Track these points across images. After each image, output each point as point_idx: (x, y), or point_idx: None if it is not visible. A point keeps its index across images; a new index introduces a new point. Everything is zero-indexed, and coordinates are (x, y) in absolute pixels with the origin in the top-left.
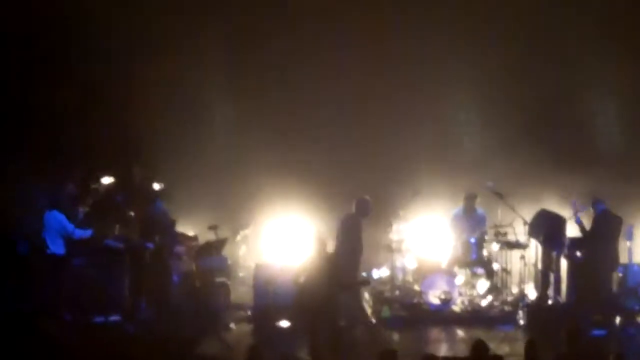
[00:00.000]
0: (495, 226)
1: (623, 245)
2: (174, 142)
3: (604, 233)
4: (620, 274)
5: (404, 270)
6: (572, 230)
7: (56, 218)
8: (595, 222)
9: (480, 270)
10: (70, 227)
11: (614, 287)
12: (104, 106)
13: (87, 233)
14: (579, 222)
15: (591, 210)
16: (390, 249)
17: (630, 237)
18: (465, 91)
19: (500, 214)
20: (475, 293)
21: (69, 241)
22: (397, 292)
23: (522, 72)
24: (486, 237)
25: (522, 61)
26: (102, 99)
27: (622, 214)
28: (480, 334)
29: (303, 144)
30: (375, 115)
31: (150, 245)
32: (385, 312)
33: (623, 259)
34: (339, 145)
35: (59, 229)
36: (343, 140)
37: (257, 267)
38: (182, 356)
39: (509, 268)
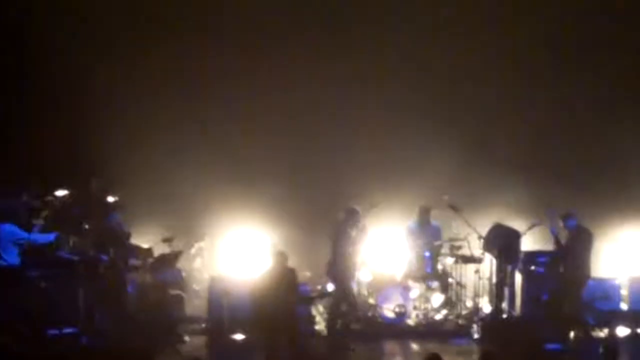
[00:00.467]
0: (450, 240)
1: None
2: (129, 155)
3: (578, 248)
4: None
5: (358, 283)
6: (526, 245)
7: (8, 229)
8: (572, 236)
9: (434, 284)
10: (25, 234)
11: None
12: (60, 118)
13: (49, 237)
14: (555, 234)
15: (560, 223)
16: None
17: None
18: (421, 103)
19: (455, 228)
20: (429, 306)
21: (25, 251)
22: (351, 306)
23: (477, 83)
24: (441, 251)
25: (478, 72)
26: (58, 111)
27: None
28: (434, 347)
29: (258, 158)
30: (330, 127)
31: (105, 257)
32: (340, 325)
33: None
34: (294, 159)
35: (13, 239)
36: (298, 154)
37: (212, 279)
38: None
39: (463, 282)
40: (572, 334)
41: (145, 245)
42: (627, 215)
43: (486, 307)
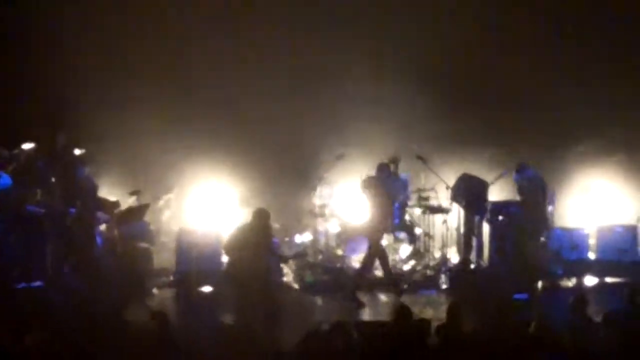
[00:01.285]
0: (418, 190)
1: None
2: (96, 107)
3: (535, 197)
4: (543, 239)
5: (327, 235)
6: (494, 195)
7: None
8: (529, 186)
9: (402, 235)
10: None
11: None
12: (26, 71)
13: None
14: (517, 179)
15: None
16: (313, 214)
17: (552, 202)
18: (392, 54)
19: (423, 179)
20: (397, 257)
21: None
22: (320, 257)
23: (450, 40)
24: (409, 202)
25: (453, 30)
26: (24, 64)
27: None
28: (403, 298)
29: (228, 110)
30: (297, 77)
31: (72, 211)
32: (309, 277)
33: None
34: (263, 112)
35: None
36: (262, 105)
37: (180, 232)
38: (105, 321)
39: (431, 232)
40: (539, 284)
41: (112, 199)
42: (595, 164)
43: (454, 258)
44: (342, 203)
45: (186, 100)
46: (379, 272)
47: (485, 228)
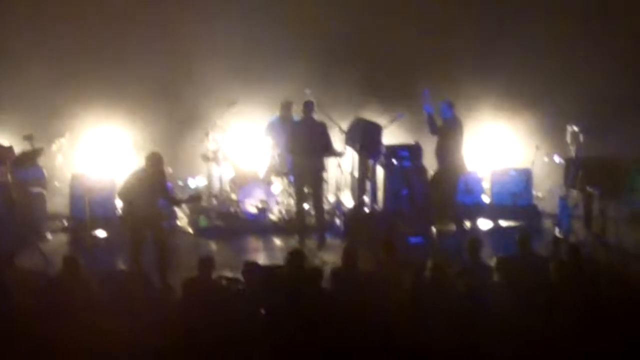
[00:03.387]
0: None
1: None
2: None
3: (453, 139)
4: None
5: (220, 179)
6: (388, 138)
7: None
8: (447, 126)
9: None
10: None
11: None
12: None
13: None
14: (430, 113)
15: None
16: (206, 159)
17: None
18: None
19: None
20: (292, 202)
21: None
22: (214, 202)
23: None
24: None
25: None
26: None
27: None
28: (297, 242)
29: (120, 55)
30: (191, 23)
31: None
32: (202, 221)
33: None
34: (157, 56)
35: None
36: (160, 51)
37: (74, 177)
38: None
39: (325, 176)
40: (434, 228)
41: (5, 144)
42: (489, 107)
43: (348, 202)
44: (235, 148)
45: (79, 44)
46: (272, 217)
47: (379, 171)
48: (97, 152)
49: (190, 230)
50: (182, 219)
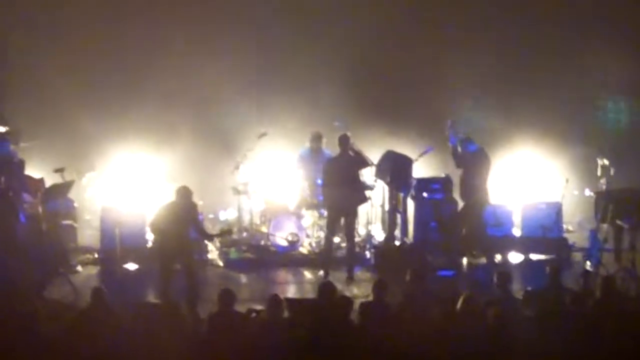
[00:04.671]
0: None
1: None
2: (20, 84)
3: (477, 171)
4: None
5: (251, 212)
6: (418, 172)
7: None
8: (470, 156)
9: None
10: None
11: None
12: None
13: None
14: (454, 145)
15: (460, 143)
16: (237, 191)
17: None
18: (317, 30)
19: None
20: (322, 235)
21: None
22: (244, 234)
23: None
24: None
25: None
26: None
27: None
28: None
29: (149, 86)
30: (222, 56)
31: None
32: (233, 254)
33: None
34: (187, 87)
35: None
36: (191, 81)
37: (104, 209)
38: (28, 299)
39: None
40: (464, 261)
41: (37, 176)
42: (519, 141)
43: (379, 235)
44: (266, 180)
45: (112, 79)
46: (303, 249)
47: (410, 204)
48: (128, 185)
49: (220, 262)
50: (213, 251)
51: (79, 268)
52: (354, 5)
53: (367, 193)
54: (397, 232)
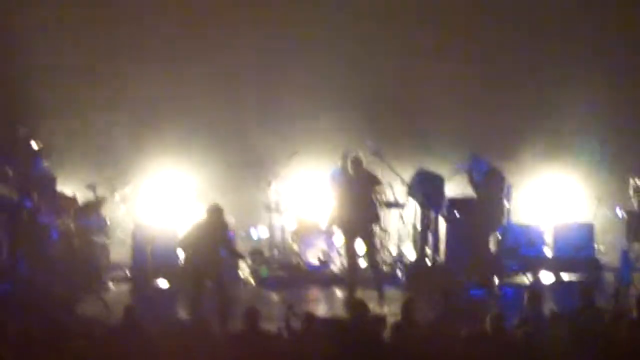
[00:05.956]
0: None
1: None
2: (53, 100)
3: (490, 192)
4: (499, 234)
5: (282, 230)
6: (451, 190)
7: None
8: (483, 177)
9: None
10: None
11: (493, 248)
12: None
13: None
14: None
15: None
16: (268, 209)
17: (508, 197)
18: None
19: (379, 174)
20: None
21: None
22: (275, 252)
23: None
24: None
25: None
26: None
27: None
28: (359, 294)
29: (183, 103)
30: (254, 74)
31: (29, 204)
32: (264, 272)
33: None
34: (218, 104)
35: None
36: (223, 99)
37: (136, 227)
38: (60, 316)
39: (387, 228)
40: (496, 281)
41: (69, 193)
42: (552, 161)
43: (410, 254)
44: (297, 199)
45: (144, 97)
46: (334, 268)
47: (442, 223)
48: (160, 202)
49: (252, 280)
50: (244, 269)
51: (111, 285)
52: (380, 25)
53: (398, 211)
54: (429, 251)
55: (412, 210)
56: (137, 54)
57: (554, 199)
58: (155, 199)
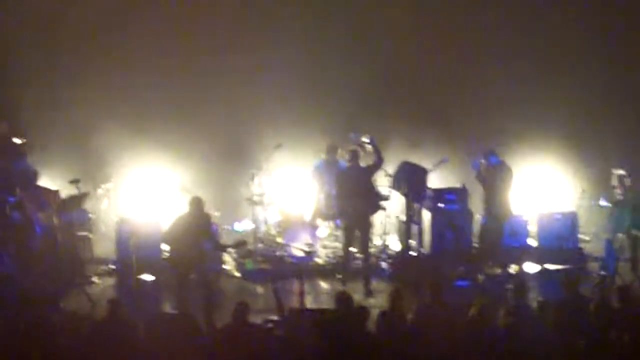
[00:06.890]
0: None
1: None
2: (34, 95)
3: (501, 184)
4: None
5: (266, 223)
6: (433, 182)
7: None
8: (495, 173)
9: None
10: None
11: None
12: None
13: None
14: (477, 169)
15: (482, 159)
16: (252, 202)
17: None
18: (327, 39)
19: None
20: (338, 245)
21: None
22: (260, 245)
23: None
24: None
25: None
26: None
27: None
28: (348, 285)
29: (165, 97)
30: (236, 67)
31: (12, 199)
32: (249, 265)
33: None
34: (202, 98)
35: None
36: (206, 92)
37: (120, 221)
38: (44, 310)
39: (371, 220)
40: (480, 271)
41: (52, 187)
42: (535, 151)
43: (394, 245)
44: (281, 191)
45: (126, 91)
46: (319, 260)
47: (426, 215)
48: (143, 196)
49: (236, 273)
50: (229, 262)
51: (95, 279)
52: (373, 16)
53: (382, 203)
54: (413, 243)
55: (396, 202)
56: (120, 48)
57: (537, 189)
58: (138, 192)
